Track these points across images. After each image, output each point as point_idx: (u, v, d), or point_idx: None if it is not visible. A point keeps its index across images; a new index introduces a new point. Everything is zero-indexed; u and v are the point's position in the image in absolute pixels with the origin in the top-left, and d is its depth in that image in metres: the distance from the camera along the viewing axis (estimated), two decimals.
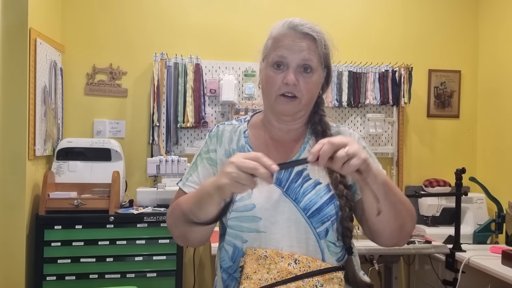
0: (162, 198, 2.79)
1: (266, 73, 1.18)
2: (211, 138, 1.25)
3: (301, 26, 1.16)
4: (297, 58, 1.14)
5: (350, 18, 3.39)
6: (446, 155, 3.49)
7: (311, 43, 1.16)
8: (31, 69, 2.55)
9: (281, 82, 1.14)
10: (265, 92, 1.19)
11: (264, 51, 1.21)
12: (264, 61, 1.20)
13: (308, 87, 1.15)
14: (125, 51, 3.14)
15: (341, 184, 1.14)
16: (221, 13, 3.24)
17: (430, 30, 3.49)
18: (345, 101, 3.27)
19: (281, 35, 1.16)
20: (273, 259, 1.08)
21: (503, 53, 3.29)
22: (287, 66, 1.15)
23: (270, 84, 1.16)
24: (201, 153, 1.25)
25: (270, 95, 1.17)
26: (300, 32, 1.15)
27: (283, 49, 1.14)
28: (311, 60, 1.15)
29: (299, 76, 1.14)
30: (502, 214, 2.92)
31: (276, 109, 1.18)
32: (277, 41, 1.16)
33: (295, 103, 1.16)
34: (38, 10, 2.67)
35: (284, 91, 1.15)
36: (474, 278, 2.60)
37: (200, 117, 3.09)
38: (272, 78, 1.16)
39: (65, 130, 3.04)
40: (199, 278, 3.17)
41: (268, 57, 1.18)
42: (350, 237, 1.14)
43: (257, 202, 1.13)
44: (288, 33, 1.16)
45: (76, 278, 2.56)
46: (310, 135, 1.23)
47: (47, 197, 2.59)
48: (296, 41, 1.15)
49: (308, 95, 1.16)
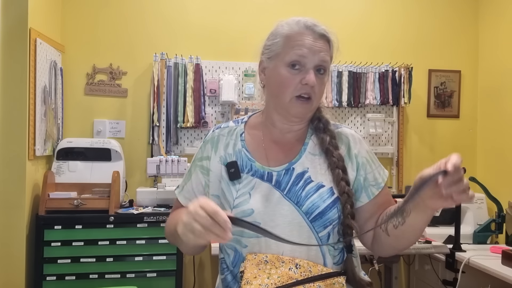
0: (162, 198, 2.79)
1: (280, 72, 1.12)
2: (206, 143, 1.22)
3: (317, 26, 1.13)
4: (316, 59, 1.11)
5: (350, 18, 3.39)
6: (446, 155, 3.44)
7: (326, 44, 1.14)
8: (31, 69, 2.55)
9: (298, 82, 1.10)
10: (278, 93, 1.13)
11: (273, 49, 1.15)
12: (274, 59, 1.14)
13: (321, 88, 1.14)
14: (125, 51, 3.14)
15: (343, 181, 1.13)
16: (221, 13, 3.24)
17: (430, 30, 3.49)
18: (345, 101, 3.27)
19: (297, 34, 1.12)
20: (273, 264, 1.06)
21: (503, 53, 3.29)
22: (305, 66, 1.11)
23: (285, 84, 1.11)
24: (195, 160, 1.23)
25: (284, 96, 1.12)
26: (317, 33, 1.13)
27: (303, 48, 1.10)
28: (327, 61, 1.13)
29: (315, 77, 1.12)
30: (502, 214, 2.91)
31: (291, 111, 1.13)
32: (293, 40, 1.12)
33: (309, 105, 1.13)
34: (38, 10, 2.67)
35: (302, 92, 1.11)
36: (474, 278, 2.60)
37: (200, 117, 3.09)
38: (288, 79, 1.11)
39: (65, 130, 3.04)
40: (199, 278, 3.17)
41: (280, 56, 1.13)
42: (351, 235, 1.13)
43: (255, 207, 1.10)
44: (307, 33, 1.12)
45: (76, 278, 2.56)
46: (310, 134, 1.20)
47: (47, 197, 2.59)
48: (316, 41, 1.12)
49: (320, 96, 1.15)
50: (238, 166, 1.15)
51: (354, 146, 1.19)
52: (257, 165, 1.16)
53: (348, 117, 3.36)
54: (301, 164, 1.15)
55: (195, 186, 1.21)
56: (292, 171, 1.14)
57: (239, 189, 1.13)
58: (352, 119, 3.36)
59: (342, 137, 1.20)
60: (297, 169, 1.15)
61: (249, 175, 1.15)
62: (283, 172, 1.14)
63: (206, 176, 1.20)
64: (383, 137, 3.40)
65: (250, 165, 1.16)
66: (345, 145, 1.19)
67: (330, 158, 1.14)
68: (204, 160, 1.21)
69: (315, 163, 1.15)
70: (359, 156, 1.18)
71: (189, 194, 1.21)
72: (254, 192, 1.12)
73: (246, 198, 1.11)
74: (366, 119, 3.32)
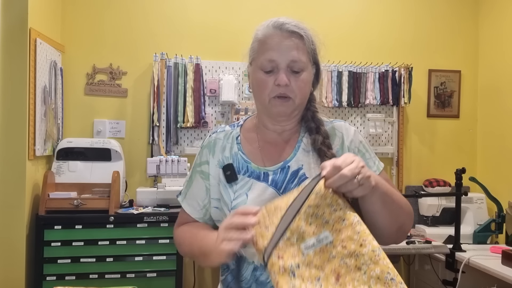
0: (162, 198, 2.79)
1: (256, 76, 1.15)
2: (203, 149, 1.24)
3: (286, 24, 1.13)
4: (286, 58, 1.11)
5: (350, 18, 3.38)
6: (446, 155, 3.50)
7: (298, 41, 1.13)
8: (31, 69, 2.55)
9: (273, 84, 1.12)
10: (258, 95, 1.16)
11: (251, 54, 1.18)
12: (252, 64, 1.17)
13: (299, 86, 1.13)
14: (125, 51, 3.14)
15: None
16: (221, 13, 3.24)
17: (430, 30, 3.49)
18: (345, 101, 3.27)
19: (266, 37, 1.13)
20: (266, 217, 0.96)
21: (503, 53, 3.29)
22: (277, 67, 1.12)
23: (261, 87, 1.13)
24: (195, 166, 1.25)
25: (263, 99, 1.14)
26: (286, 31, 1.13)
27: (271, 51, 1.11)
28: (300, 58, 1.12)
29: (290, 76, 1.12)
30: (502, 214, 2.91)
31: (271, 111, 1.15)
32: (264, 43, 1.13)
33: (289, 104, 1.14)
34: (38, 10, 2.67)
35: (277, 93, 1.12)
36: (474, 278, 2.60)
37: (200, 117, 3.09)
38: (263, 81, 1.13)
39: (65, 130, 3.04)
40: (199, 278, 3.17)
41: (256, 60, 1.15)
42: None
43: None
44: (274, 33, 1.13)
45: (76, 278, 2.56)
46: (303, 133, 1.21)
47: (47, 197, 2.59)
48: (283, 40, 1.12)
49: (301, 94, 1.14)
50: (234, 168, 1.17)
51: (347, 137, 1.19)
52: (253, 166, 1.17)
53: (348, 117, 3.36)
54: (296, 161, 1.16)
55: (197, 191, 1.22)
56: (287, 169, 1.15)
57: (236, 191, 1.15)
58: (352, 119, 3.36)
59: (336, 131, 1.20)
60: (292, 166, 1.15)
61: (246, 176, 1.16)
62: (279, 170, 1.15)
63: (207, 181, 1.21)
64: (383, 137, 3.40)
65: (246, 166, 1.17)
66: (338, 138, 1.19)
67: (323, 157, 1.15)
68: (203, 165, 1.22)
69: (309, 160, 1.16)
70: (351, 146, 1.18)
71: (192, 201, 1.23)
72: (250, 192, 1.13)
73: (243, 198, 1.12)
74: (366, 119, 3.32)
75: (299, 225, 0.85)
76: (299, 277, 0.81)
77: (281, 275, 0.82)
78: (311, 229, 0.85)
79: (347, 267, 0.81)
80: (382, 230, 1.06)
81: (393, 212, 1.05)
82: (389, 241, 1.11)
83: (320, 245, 0.84)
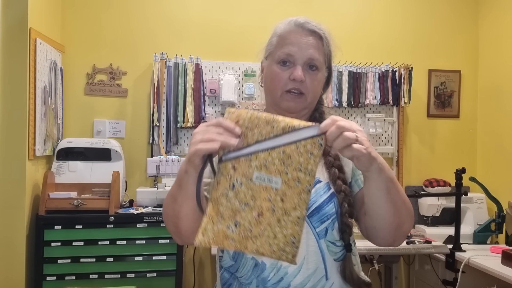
0: (162, 198, 2.79)
1: (271, 69, 1.16)
2: None
3: (307, 23, 1.16)
4: (305, 55, 1.14)
5: (350, 18, 3.39)
6: (446, 155, 3.49)
7: (317, 41, 1.16)
8: (31, 69, 2.55)
9: (288, 78, 1.13)
10: (270, 88, 1.18)
11: (268, 48, 1.20)
12: (268, 58, 1.19)
13: (314, 84, 1.15)
14: (125, 51, 3.14)
15: (339, 180, 1.13)
16: (221, 13, 3.24)
17: (430, 30, 3.49)
18: (345, 101, 3.27)
19: (287, 32, 1.16)
20: None
21: (503, 53, 3.29)
22: (294, 62, 1.14)
23: (276, 80, 1.15)
24: None
25: (276, 92, 1.15)
26: (307, 30, 1.16)
27: (290, 46, 1.14)
28: (317, 57, 1.15)
29: (306, 73, 1.14)
30: (502, 214, 2.92)
31: (282, 105, 1.16)
32: (284, 38, 1.16)
33: (301, 100, 1.15)
34: (38, 10, 2.67)
35: (291, 87, 1.14)
36: (474, 278, 2.60)
37: (200, 117, 3.09)
38: (278, 75, 1.15)
39: (65, 130, 3.04)
40: (199, 278, 3.17)
41: (273, 54, 1.17)
42: (349, 233, 1.13)
43: None
44: (295, 30, 1.16)
45: (76, 278, 2.56)
46: None
47: (47, 197, 2.59)
48: (303, 37, 1.15)
49: (313, 92, 1.16)
50: None
51: None
52: None
53: (348, 117, 3.35)
54: None
55: None
56: None
57: None
58: (352, 119, 3.36)
59: None
60: None
61: None
62: None
63: None
64: (383, 137, 3.40)
65: None
66: None
67: (326, 157, 1.15)
68: None
69: None
70: None
71: None
72: None
73: None
74: (366, 119, 3.32)
75: (266, 158, 0.91)
76: (235, 192, 0.90)
77: (225, 179, 0.90)
78: (272, 168, 0.91)
79: (272, 213, 0.90)
80: (382, 223, 1.04)
81: (397, 204, 1.02)
82: (387, 239, 1.09)
83: (267, 185, 0.91)
